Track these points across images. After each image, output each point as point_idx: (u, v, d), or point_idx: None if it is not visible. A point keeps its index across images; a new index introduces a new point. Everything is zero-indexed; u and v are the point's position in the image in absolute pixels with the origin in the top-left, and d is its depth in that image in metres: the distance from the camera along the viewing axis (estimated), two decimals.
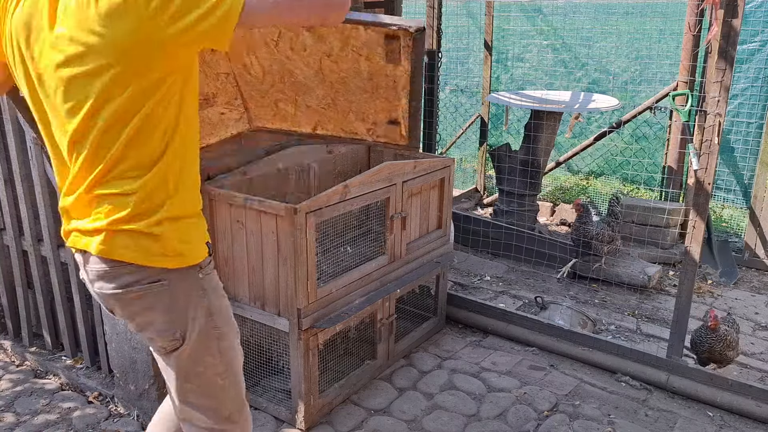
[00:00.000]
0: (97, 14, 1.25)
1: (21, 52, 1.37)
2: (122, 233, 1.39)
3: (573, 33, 5.87)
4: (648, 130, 5.32)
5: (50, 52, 1.31)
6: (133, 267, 1.41)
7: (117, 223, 1.38)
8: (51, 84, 1.34)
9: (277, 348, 2.53)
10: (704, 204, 2.61)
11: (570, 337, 3.02)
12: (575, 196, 5.46)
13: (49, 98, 1.36)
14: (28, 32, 1.34)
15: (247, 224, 2.40)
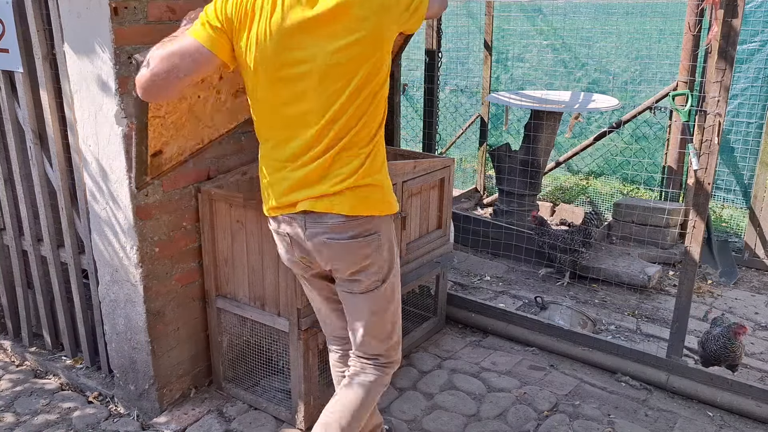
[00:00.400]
0: (369, 7, 1.58)
1: (275, 46, 1.61)
2: (357, 190, 1.69)
3: (573, 33, 5.87)
4: (648, 130, 5.32)
5: (323, 43, 1.59)
6: (361, 219, 1.71)
7: (354, 182, 1.68)
8: (316, 71, 1.61)
9: (277, 348, 2.53)
10: (704, 204, 2.61)
11: (570, 337, 3.02)
12: (575, 196, 5.46)
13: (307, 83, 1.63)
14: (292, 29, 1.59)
15: (247, 224, 2.40)
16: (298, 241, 1.79)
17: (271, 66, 1.63)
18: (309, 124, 1.67)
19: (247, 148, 2.71)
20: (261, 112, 1.73)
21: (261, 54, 1.62)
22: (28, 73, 2.52)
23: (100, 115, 2.26)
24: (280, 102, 1.67)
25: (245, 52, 1.64)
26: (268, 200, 1.80)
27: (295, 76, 1.63)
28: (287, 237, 1.81)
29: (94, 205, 2.43)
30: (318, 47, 1.60)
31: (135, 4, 2.17)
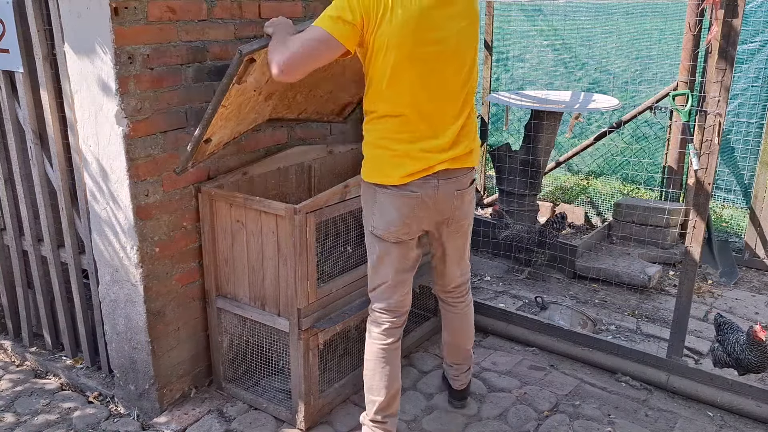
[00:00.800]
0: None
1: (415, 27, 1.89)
2: (475, 150, 2.15)
3: (573, 33, 5.86)
4: (648, 130, 5.32)
5: (451, 24, 1.94)
6: (473, 171, 2.17)
7: (474, 144, 2.13)
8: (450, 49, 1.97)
9: (277, 348, 2.53)
10: (704, 204, 2.61)
11: (570, 337, 3.02)
12: (575, 196, 5.46)
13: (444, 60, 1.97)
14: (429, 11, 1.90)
15: (248, 224, 2.40)
16: (428, 200, 2.08)
17: (412, 45, 1.91)
18: (450, 97, 2.02)
19: (246, 148, 2.71)
20: (397, 89, 1.96)
21: (402, 36, 1.89)
22: (28, 73, 2.52)
23: (101, 115, 2.26)
24: (422, 78, 1.95)
25: (385, 37, 1.89)
26: (398, 169, 2.03)
27: (434, 54, 1.94)
28: (418, 198, 2.06)
29: (95, 205, 2.43)
30: (448, 28, 1.94)
31: (135, 4, 2.17)
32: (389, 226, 2.10)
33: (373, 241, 2.17)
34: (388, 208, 2.08)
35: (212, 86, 2.50)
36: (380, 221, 2.11)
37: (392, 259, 2.16)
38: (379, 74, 1.96)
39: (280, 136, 2.87)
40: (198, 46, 2.42)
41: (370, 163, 2.10)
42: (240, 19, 2.55)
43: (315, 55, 1.91)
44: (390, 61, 1.93)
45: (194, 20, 2.38)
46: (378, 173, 2.07)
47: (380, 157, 2.06)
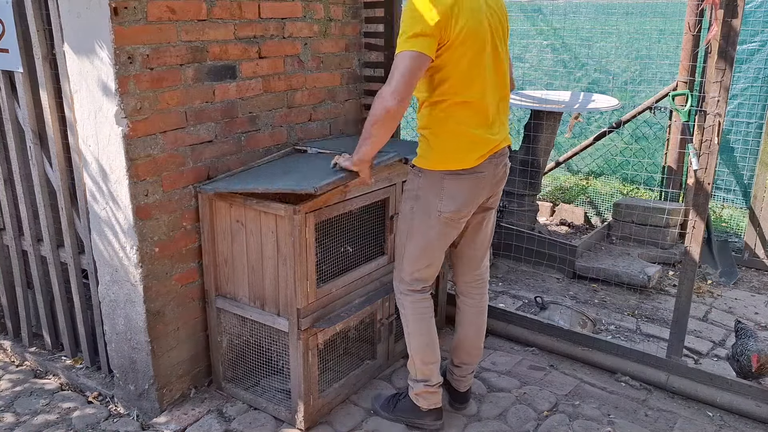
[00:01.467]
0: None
1: (477, 25, 2.10)
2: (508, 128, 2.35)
3: (573, 33, 5.86)
4: (648, 130, 5.32)
5: (491, 21, 2.17)
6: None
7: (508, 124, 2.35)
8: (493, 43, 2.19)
9: (276, 348, 2.53)
10: (704, 204, 2.61)
11: (570, 337, 3.02)
12: (575, 196, 5.46)
13: (493, 53, 2.18)
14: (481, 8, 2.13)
15: (247, 224, 2.40)
16: (493, 178, 2.27)
17: (476, 41, 2.11)
18: (502, 80, 2.25)
19: (246, 148, 2.71)
20: (464, 81, 2.13)
21: (468, 35, 2.08)
22: (28, 73, 2.52)
23: (100, 115, 2.26)
24: (482, 69, 2.14)
25: (456, 38, 2.07)
26: (472, 153, 2.18)
27: (487, 48, 2.15)
28: (484, 178, 2.23)
29: (94, 205, 2.43)
30: (489, 24, 2.16)
31: (135, 4, 2.17)
32: (460, 208, 2.23)
33: (430, 225, 2.25)
34: (458, 192, 2.21)
35: (212, 86, 2.50)
36: (449, 205, 2.21)
37: (444, 241, 2.31)
38: (453, 65, 2.10)
39: (280, 136, 2.87)
40: (198, 46, 2.42)
41: (438, 152, 2.18)
42: (240, 19, 2.56)
43: (415, 74, 2.05)
44: (465, 54, 2.10)
45: (194, 20, 2.38)
46: (451, 159, 2.18)
47: (455, 142, 2.17)
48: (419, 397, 2.45)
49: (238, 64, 2.59)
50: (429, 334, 2.40)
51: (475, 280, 2.52)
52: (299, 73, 2.90)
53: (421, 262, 2.32)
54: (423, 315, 2.39)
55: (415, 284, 2.37)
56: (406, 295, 2.39)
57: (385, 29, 3.15)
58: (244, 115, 2.67)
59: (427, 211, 2.24)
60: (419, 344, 2.40)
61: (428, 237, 2.27)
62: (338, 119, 3.18)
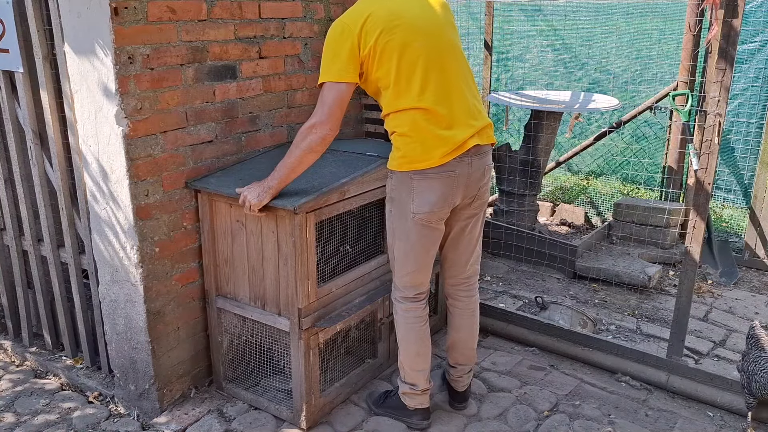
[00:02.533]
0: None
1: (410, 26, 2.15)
2: (490, 126, 2.33)
3: (573, 33, 5.86)
4: (648, 130, 5.32)
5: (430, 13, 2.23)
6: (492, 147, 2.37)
7: (488, 120, 2.32)
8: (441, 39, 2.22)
9: (277, 348, 2.53)
10: (704, 204, 2.61)
11: (570, 337, 3.02)
12: (575, 197, 5.46)
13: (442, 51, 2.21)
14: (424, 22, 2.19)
15: (248, 224, 2.40)
16: (463, 178, 2.23)
17: (405, 49, 2.18)
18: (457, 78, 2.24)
19: (246, 148, 2.71)
20: (405, 88, 2.16)
21: (391, 46, 2.16)
22: (28, 73, 2.52)
23: (100, 115, 2.26)
24: (424, 72, 2.17)
25: (383, 48, 2.15)
26: (437, 150, 2.17)
27: (429, 45, 2.21)
28: (456, 177, 2.21)
29: (95, 205, 2.43)
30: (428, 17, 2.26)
31: (135, 4, 2.17)
32: (432, 208, 2.23)
33: (408, 228, 2.26)
34: (427, 192, 2.21)
35: (212, 86, 2.50)
36: (421, 206, 2.22)
37: (425, 244, 2.30)
38: (388, 78, 2.15)
39: (280, 136, 2.87)
40: (198, 46, 2.42)
41: (405, 153, 2.19)
42: (240, 19, 2.56)
43: (341, 102, 2.16)
44: (394, 65, 2.13)
45: (194, 20, 2.38)
46: (417, 159, 2.18)
47: (418, 143, 2.17)
48: (406, 396, 2.49)
49: (239, 64, 2.59)
50: (418, 344, 2.42)
51: (461, 284, 2.51)
52: (299, 73, 2.90)
53: (408, 266, 2.33)
54: (413, 324, 2.40)
55: (406, 290, 2.38)
56: (399, 302, 2.41)
57: None
58: (244, 115, 2.67)
59: (403, 214, 2.27)
60: (408, 352, 2.43)
61: (409, 240, 2.29)
62: None
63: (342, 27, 2.15)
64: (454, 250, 2.44)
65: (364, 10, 2.16)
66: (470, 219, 2.38)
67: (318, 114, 2.15)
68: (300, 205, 2.20)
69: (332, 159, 2.65)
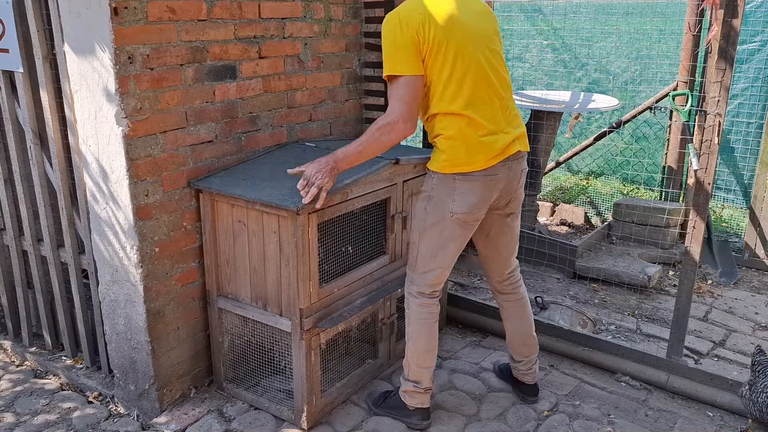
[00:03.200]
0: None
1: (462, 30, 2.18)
2: (525, 134, 2.38)
3: (573, 33, 5.86)
4: (648, 130, 5.32)
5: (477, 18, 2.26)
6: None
7: (524, 127, 2.40)
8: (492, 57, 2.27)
9: (278, 348, 2.53)
10: (704, 204, 2.61)
11: (570, 337, 3.02)
12: (575, 197, 5.46)
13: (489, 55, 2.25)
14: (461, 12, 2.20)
15: (249, 224, 2.40)
16: (503, 181, 2.30)
17: (457, 52, 2.21)
18: (500, 84, 2.28)
19: (246, 148, 2.71)
20: (454, 91, 2.19)
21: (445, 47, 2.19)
22: (28, 73, 2.51)
23: (100, 115, 2.26)
24: (473, 77, 2.20)
25: (431, 51, 2.18)
26: (481, 154, 2.22)
27: (478, 49, 2.25)
28: (498, 180, 2.28)
29: (94, 205, 2.43)
30: (476, 20, 2.29)
31: (135, 4, 2.17)
32: (471, 209, 2.28)
33: (443, 226, 2.30)
34: (469, 194, 2.26)
35: (212, 86, 2.50)
36: (461, 206, 2.26)
37: (457, 243, 2.34)
38: (440, 77, 2.17)
39: (280, 136, 2.87)
40: (198, 46, 2.42)
41: (449, 156, 2.23)
42: (240, 19, 2.56)
43: (417, 96, 2.18)
44: (449, 66, 2.16)
45: (194, 20, 2.38)
46: (462, 162, 2.22)
47: (464, 146, 2.21)
48: (407, 395, 2.50)
49: (239, 64, 2.59)
50: (428, 340, 2.44)
51: (508, 278, 2.60)
52: (299, 73, 2.90)
53: (433, 263, 2.35)
54: (426, 320, 2.42)
55: (425, 287, 2.40)
56: (415, 297, 2.42)
57: None
58: (244, 115, 2.67)
59: (440, 212, 2.28)
60: (417, 348, 2.44)
61: (442, 237, 2.31)
62: (338, 119, 3.18)
63: (400, 19, 2.16)
64: (495, 249, 2.52)
65: (419, 4, 2.18)
66: (508, 218, 2.46)
67: (396, 112, 2.14)
68: (303, 206, 2.19)
69: None
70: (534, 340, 2.66)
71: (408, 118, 2.15)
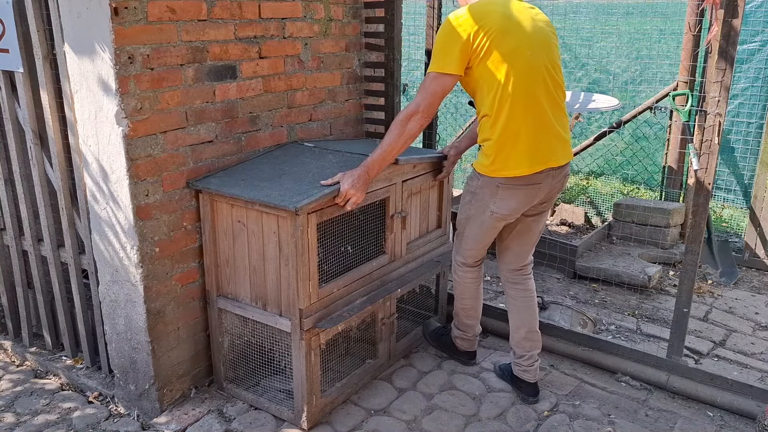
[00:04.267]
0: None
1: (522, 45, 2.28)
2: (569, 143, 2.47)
3: (573, 33, 5.86)
4: (648, 130, 5.32)
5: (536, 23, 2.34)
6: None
7: (569, 138, 2.47)
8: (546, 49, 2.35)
9: (278, 348, 2.53)
10: (704, 204, 2.61)
11: (570, 337, 3.02)
12: (575, 196, 5.46)
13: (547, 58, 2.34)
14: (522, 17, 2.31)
15: (249, 225, 2.40)
16: (545, 188, 2.41)
17: (516, 58, 2.30)
18: (557, 90, 2.41)
19: (246, 148, 2.71)
20: (508, 94, 2.28)
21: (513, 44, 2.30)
22: (28, 73, 2.52)
23: (101, 115, 2.26)
24: (529, 84, 2.30)
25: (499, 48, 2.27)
26: (523, 161, 2.32)
27: (533, 64, 2.33)
28: (539, 188, 2.39)
29: (95, 205, 2.43)
30: (535, 26, 2.38)
31: (135, 4, 2.17)
32: (510, 212, 2.45)
33: (483, 220, 2.51)
34: (510, 199, 2.41)
35: (212, 86, 2.50)
36: (501, 208, 2.44)
37: (494, 232, 2.58)
38: (494, 79, 2.26)
39: (280, 136, 2.87)
40: (198, 46, 2.42)
41: (494, 160, 2.35)
42: (240, 19, 2.56)
43: (443, 92, 2.31)
44: (504, 68, 2.24)
45: (194, 20, 2.38)
46: (507, 167, 2.33)
47: (512, 152, 2.32)
48: (458, 339, 2.92)
49: (239, 64, 2.59)
50: (474, 299, 2.80)
51: (522, 269, 2.71)
52: (299, 73, 2.90)
53: (473, 244, 2.62)
54: (469, 284, 2.77)
55: (468, 259, 2.70)
56: (459, 266, 2.75)
57: (385, 29, 3.15)
58: (244, 115, 2.67)
59: (481, 208, 2.48)
60: (464, 305, 2.82)
61: (483, 228, 2.54)
62: (338, 119, 3.18)
63: (457, 19, 2.26)
64: (518, 242, 2.65)
65: (481, 6, 2.28)
66: (537, 216, 2.57)
67: (418, 101, 2.30)
68: (302, 207, 2.20)
69: (334, 160, 2.65)
70: (538, 336, 2.71)
71: (426, 109, 2.30)
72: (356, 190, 2.31)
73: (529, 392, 2.71)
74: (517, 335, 2.71)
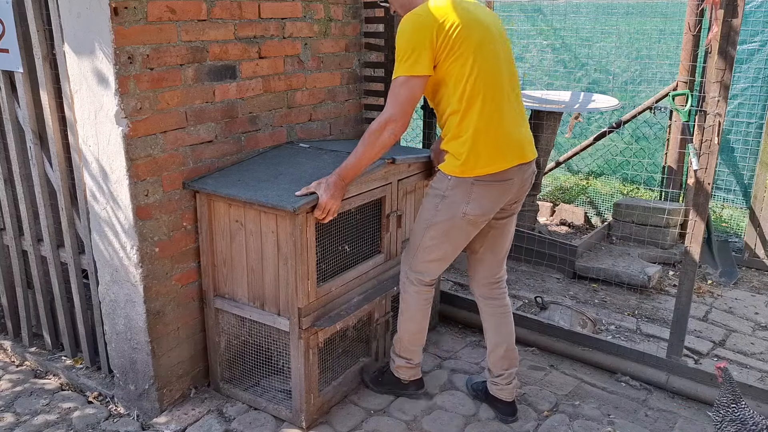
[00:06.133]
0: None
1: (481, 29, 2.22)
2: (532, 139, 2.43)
3: (573, 33, 5.86)
4: (648, 130, 5.32)
5: (489, 19, 2.29)
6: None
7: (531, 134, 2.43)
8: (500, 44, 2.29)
9: (276, 348, 2.53)
10: (704, 204, 2.61)
11: (570, 337, 3.02)
12: (575, 197, 5.46)
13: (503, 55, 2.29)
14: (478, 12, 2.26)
15: (247, 224, 2.40)
16: (517, 184, 2.34)
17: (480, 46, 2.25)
18: (514, 86, 2.35)
19: (246, 148, 2.71)
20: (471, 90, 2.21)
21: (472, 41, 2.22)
22: (28, 73, 2.52)
23: (101, 115, 2.26)
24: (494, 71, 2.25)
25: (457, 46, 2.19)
26: (495, 157, 2.25)
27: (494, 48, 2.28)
28: (513, 184, 2.32)
29: (94, 205, 2.43)
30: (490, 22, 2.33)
31: (135, 4, 2.17)
32: (484, 211, 2.32)
33: (452, 224, 2.33)
34: (484, 198, 2.29)
35: (212, 86, 2.50)
36: (475, 208, 2.29)
37: (462, 240, 2.40)
38: (461, 74, 2.18)
39: (280, 136, 2.87)
40: (198, 46, 2.42)
41: (466, 160, 2.23)
42: (240, 19, 2.56)
43: (414, 97, 2.18)
44: (469, 63, 2.17)
45: (194, 20, 2.38)
46: (479, 165, 2.24)
47: (483, 149, 2.23)
48: (401, 370, 2.67)
49: (238, 64, 2.59)
50: (422, 323, 2.58)
51: (498, 282, 2.57)
52: (299, 73, 2.90)
53: (435, 254, 2.41)
54: (422, 305, 2.54)
55: (424, 275, 2.47)
56: (413, 284, 2.50)
57: (385, 29, 3.16)
58: (244, 115, 2.67)
59: (452, 211, 2.31)
60: (411, 329, 2.58)
61: (449, 234, 2.35)
62: (338, 119, 3.18)
63: (417, 18, 2.17)
64: (492, 251, 2.51)
65: (437, 5, 2.19)
66: (510, 218, 2.48)
67: (390, 110, 2.18)
68: (300, 206, 2.20)
69: (331, 160, 2.65)
70: (515, 354, 2.57)
71: (400, 117, 2.17)
72: (335, 199, 2.25)
73: (506, 412, 2.59)
74: (494, 354, 2.56)
